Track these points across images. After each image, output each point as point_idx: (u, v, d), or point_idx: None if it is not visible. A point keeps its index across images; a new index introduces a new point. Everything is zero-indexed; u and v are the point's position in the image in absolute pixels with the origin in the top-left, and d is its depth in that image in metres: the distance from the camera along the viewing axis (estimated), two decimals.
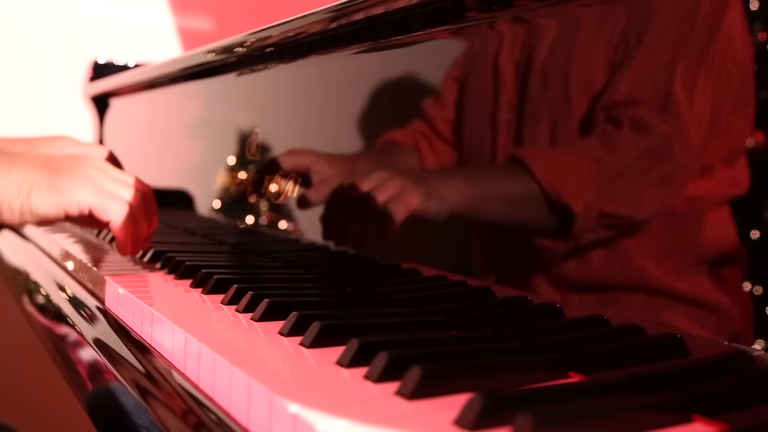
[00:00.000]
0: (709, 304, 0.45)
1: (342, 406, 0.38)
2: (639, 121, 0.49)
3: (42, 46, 1.94)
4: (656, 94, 0.49)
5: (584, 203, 0.52)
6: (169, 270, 0.79)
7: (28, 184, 0.74)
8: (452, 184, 0.65)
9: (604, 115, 0.52)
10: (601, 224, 0.51)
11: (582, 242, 0.52)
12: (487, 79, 0.62)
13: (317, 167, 0.82)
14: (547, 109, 0.56)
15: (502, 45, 0.61)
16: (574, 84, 0.54)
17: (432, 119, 0.67)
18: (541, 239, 0.55)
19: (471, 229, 0.63)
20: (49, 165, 0.77)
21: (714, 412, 0.38)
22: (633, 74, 0.50)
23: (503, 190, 0.60)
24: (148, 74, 1.34)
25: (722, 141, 0.45)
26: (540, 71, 0.57)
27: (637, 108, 0.50)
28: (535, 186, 0.55)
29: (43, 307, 0.88)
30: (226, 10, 2.10)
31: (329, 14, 0.76)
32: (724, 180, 0.45)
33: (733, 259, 0.44)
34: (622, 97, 0.51)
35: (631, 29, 0.51)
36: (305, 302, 0.62)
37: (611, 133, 0.51)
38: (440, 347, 0.49)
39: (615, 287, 0.50)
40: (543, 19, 0.57)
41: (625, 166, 0.50)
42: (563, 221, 0.53)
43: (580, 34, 0.54)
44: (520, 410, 0.34)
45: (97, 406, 0.65)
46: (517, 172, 0.57)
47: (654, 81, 0.49)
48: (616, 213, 0.50)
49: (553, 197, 0.54)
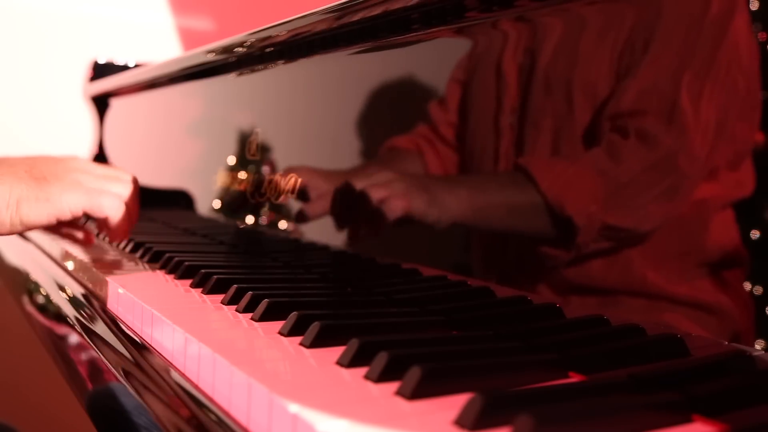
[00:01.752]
0: (710, 306, 0.45)
1: (342, 406, 0.38)
2: (645, 132, 0.49)
3: (42, 46, 1.94)
4: (663, 104, 0.48)
5: (588, 216, 0.51)
6: (169, 270, 0.79)
7: (15, 197, 0.74)
8: (456, 193, 0.64)
9: (610, 125, 0.51)
10: (604, 236, 0.51)
11: (584, 251, 0.52)
12: (489, 82, 0.61)
13: (315, 183, 0.82)
14: (550, 114, 0.56)
15: (504, 46, 0.60)
16: (578, 89, 0.54)
17: (435, 122, 0.67)
18: (542, 247, 0.55)
19: (473, 233, 0.63)
20: (33, 174, 0.77)
21: (714, 412, 0.38)
22: (639, 83, 0.50)
23: (507, 200, 0.60)
24: (148, 74, 1.34)
25: (727, 146, 0.44)
26: (544, 75, 0.57)
27: (644, 118, 0.49)
28: (539, 197, 0.55)
29: (43, 307, 0.88)
30: (226, 10, 2.10)
31: (329, 14, 0.76)
32: (728, 183, 0.44)
33: (735, 261, 0.44)
34: (628, 107, 0.50)
35: (637, 34, 0.50)
36: (305, 302, 0.62)
37: (617, 144, 0.51)
38: (440, 347, 0.49)
39: (616, 291, 0.50)
40: (547, 20, 0.57)
41: (630, 179, 0.50)
42: (566, 232, 0.53)
43: (585, 36, 0.54)
44: (520, 410, 0.34)
45: (97, 406, 0.65)
46: (522, 182, 0.57)
47: (660, 90, 0.48)
48: (620, 226, 0.50)
49: (557, 209, 0.54)
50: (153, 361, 0.56)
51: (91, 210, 0.77)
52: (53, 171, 0.78)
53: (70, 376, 0.74)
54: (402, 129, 0.72)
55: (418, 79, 0.72)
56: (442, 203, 0.65)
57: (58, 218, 0.76)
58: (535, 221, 0.56)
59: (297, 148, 0.90)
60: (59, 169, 0.79)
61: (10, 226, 0.75)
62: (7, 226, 0.75)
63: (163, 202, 1.27)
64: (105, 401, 0.62)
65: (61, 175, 0.78)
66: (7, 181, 0.75)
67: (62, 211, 0.76)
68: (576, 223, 0.52)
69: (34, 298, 0.92)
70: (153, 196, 1.31)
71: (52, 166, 0.80)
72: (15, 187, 0.75)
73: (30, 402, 1.67)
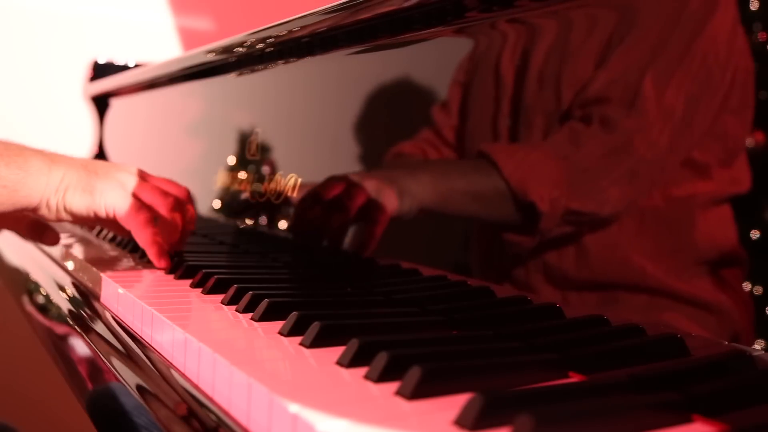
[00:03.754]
0: (709, 304, 0.45)
1: (342, 406, 0.38)
2: (607, 117, 0.50)
3: (42, 46, 1.94)
4: (627, 91, 0.49)
5: (550, 201, 0.52)
6: (170, 270, 0.79)
7: (66, 184, 0.76)
8: (419, 179, 0.65)
9: (579, 113, 0.52)
10: (567, 221, 0.52)
11: (547, 237, 0.53)
12: (488, 83, 0.62)
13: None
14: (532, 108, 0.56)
15: (502, 47, 0.61)
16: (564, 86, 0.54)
17: (438, 126, 0.67)
18: (506, 234, 0.56)
19: (463, 229, 0.63)
20: (87, 167, 0.79)
21: (714, 412, 0.38)
22: (608, 73, 0.51)
23: (470, 186, 0.60)
24: (148, 74, 1.34)
25: (716, 142, 0.45)
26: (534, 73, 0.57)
27: (607, 105, 0.50)
28: (502, 183, 0.55)
29: (43, 307, 0.88)
30: (226, 10, 2.10)
31: (329, 14, 0.76)
32: (722, 181, 0.45)
33: (733, 260, 0.44)
34: (594, 95, 0.51)
35: (616, 31, 0.51)
36: (305, 302, 0.62)
37: (579, 130, 0.52)
38: (440, 347, 0.49)
39: (615, 287, 0.50)
40: (539, 21, 0.57)
41: (590, 163, 0.51)
42: (529, 218, 0.54)
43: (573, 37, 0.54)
44: (520, 410, 0.34)
45: (97, 406, 0.65)
46: (485, 168, 0.58)
47: (627, 79, 0.49)
48: (582, 210, 0.51)
49: (520, 194, 0.54)
50: (153, 361, 0.56)
51: (120, 216, 0.78)
52: (105, 169, 0.80)
53: (70, 376, 0.74)
54: (401, 129, 0.72)
55: (417, 80, 0.72)
56: (408, 191, 0.65)
57: (96, 212, 0.78)
58: (498, 207, 0.57)
59: (297, 148, 0.90)
60: (112, 169, 0.81)
61: (55, 211, 0.77)
62: (53, 211, 0.77)
63: None
64: (105, 401, 0.62)
65: (110, 173, 0.80)
66: (63, 168, 0.77)
67: (100, 207, 0.77)
68: (539, 209, 0.53)
69: (34, 298, 0.92)
70: None
71: (108, 165, 0.82)
72: (68, 174, 0.77)
73: (30, 402, 1.67)
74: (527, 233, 0.54)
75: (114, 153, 1.58)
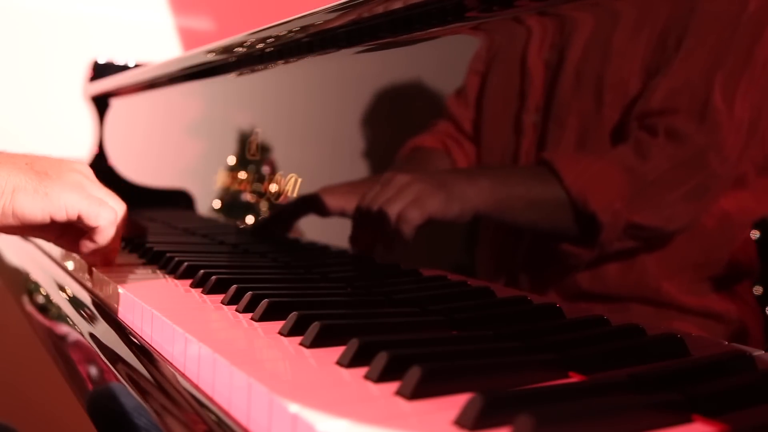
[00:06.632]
0: (721, 317, 0.44)
1: (342, 406, 0.38)
2: (675, 130, 0.48)
3: (42, 46, 1.94)
4: (694, 102, 0.47)
5: (612, 213, 0.50)
6: (169, 270, 0.79)
7: (12, 185, 0.71)
8: (477, 184, 0.63)
9: (638, 123, 0.50)
10: (629, 235, 0.50)
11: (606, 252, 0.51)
12: (513, 78, 0.60)
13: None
14: (576, 111, 0.54)
15: (529, 42, 0.59)
16: (606, 86, 0.53)
17: (457, 119, 0.65)
18: (564, 245, 0.54)
19: (485, 231, 0.62)
20: (34, 167, 0.74)
21: (714, 412, 0.38)
22: (670, 81, 0.48)
23: (529, 193, 0.58)
24: (148, 74, 1.34)
25: (759, 149, 0.43)
26: (570, 70, 0.55)
27: (674, 117, 0.48)
28: (562, 192, 0.53)
29: (43, 307, 0.88)
30: (226, 10, 2.10)
31: (330, 14, 0.76)
32: (757, 190, 0.43)
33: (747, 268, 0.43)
34: (657, 106, 0.49)
35: (669, 31, 0.49)
36: (305, 302, 0.62)
37: (645, 142, 0.50)
38: (440, 347, 0.49)
39: (625, 297, 0.50)
40: (577, 14, 0.56)
41: (657, 177, 0.49)
42: (589, 229, 0.52)
43: (616, 32, 0.52)
44: (520, 410, 0.34)
45: (97, 406, 0.64)
46: (545, 177, 0.56)
47: (692, 88, 0.47)
48: (646, 224, 0.49)
49: (581, 205, 0.52)
50: (153, 361, 0.56)
51: (88, 216, 0.74)
52: (56, 169, 0.75)
53: (70, 376, 0.74)
54: (402, 129, 0.72)
55: (417, 80, 0.72)
56: (463, 196, 0.63)
57: (53, 216, 0.73)
58: (557, 217, 0.54)
59: (297, 148, 0.90)
60: (62, 168, 0.76)
61: (2, 216, 0.71)
62: None
63: (163, 202, 1.27)
64: (105, 401, 0.62)
65: (64, 174, 0.75)
66: (5, 169, 0.71)
67: (59, 210, 0.72)
68: (600, 221, 0.51)
69: (34, 298, 0.92)
70: (153, 196, 1.31)
71: (55, 164, 0.76)
72: (13, 175, 0.71)
73: (30, 402, 1.67)
74: (585, 245, 0.52)
75: (114, 153, 1.58)
